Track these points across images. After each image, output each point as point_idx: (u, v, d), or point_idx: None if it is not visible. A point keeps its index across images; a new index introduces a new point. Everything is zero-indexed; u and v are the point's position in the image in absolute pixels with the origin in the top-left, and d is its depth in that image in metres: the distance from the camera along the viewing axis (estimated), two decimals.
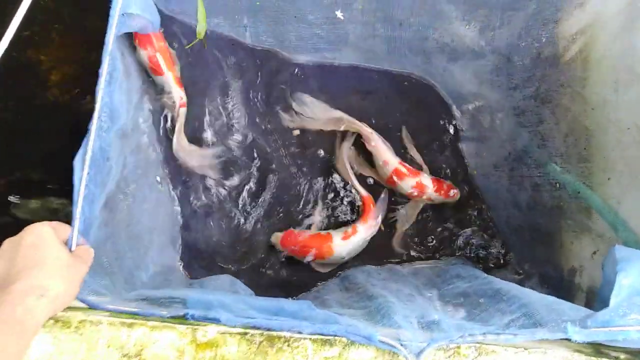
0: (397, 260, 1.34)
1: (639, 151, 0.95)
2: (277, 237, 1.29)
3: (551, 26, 1.11)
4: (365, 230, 1.27)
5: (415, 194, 1.31)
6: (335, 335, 0.72)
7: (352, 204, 1.36)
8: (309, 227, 1.32)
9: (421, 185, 1.30)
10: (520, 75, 1.22)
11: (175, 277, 1.14)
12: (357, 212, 1.35)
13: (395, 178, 1.30)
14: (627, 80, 0.98)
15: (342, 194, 1.37)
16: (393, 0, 1.18)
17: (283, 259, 1.32)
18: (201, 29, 1.30)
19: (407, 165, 1.32)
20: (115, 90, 0.87)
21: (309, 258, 1.26)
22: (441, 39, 1.25)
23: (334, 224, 1.34)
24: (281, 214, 1.33)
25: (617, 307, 0.72)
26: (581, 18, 1.09)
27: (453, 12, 1.17)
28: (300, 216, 1.34)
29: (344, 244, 1.25)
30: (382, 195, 1.34)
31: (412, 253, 1.35)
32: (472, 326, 0.79)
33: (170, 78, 1.25)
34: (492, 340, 0.72)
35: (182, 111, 1.28)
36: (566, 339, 0.71)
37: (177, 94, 1.27)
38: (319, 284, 1.30)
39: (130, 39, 1.19)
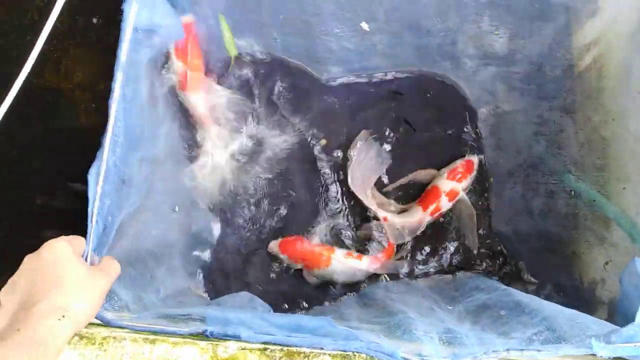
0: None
1: None
2: (276, 244, 1.28)
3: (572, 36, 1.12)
4: (368, 264, 1.24)
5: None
6: (357, 352, 0.71)
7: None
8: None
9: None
10: (551, 86, 1.21)
11: (189, 300, 1.13)
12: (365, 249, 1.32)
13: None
14: None
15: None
16: (417, 8, 1.17)
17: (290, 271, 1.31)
18: (232, 51, 1.33)
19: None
20: (134, 114, 0.86)
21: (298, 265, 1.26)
22: (471, 43, 1.24)
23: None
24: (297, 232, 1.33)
25: None
26: (594, 28, 1.09)
27: (480, 18, 1.17)
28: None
29: (343, 261, 1.23)
30: (398, 261, 1.30)
31: (424, 268, 1.33)
32: (495, 340, 0.78)
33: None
34: (515, 356, 0.71)
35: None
36: (591, 355, 0.71)
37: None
38: (333, 301, 1.29)
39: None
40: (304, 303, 1.27)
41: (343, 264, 1.23)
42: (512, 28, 1.17)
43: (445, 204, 1.29)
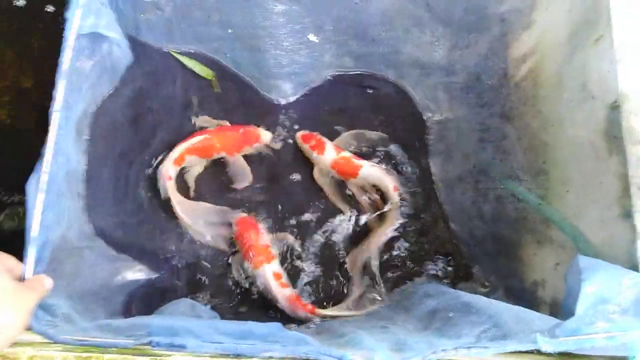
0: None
1: (593, 166, 0.98)
2: (238, 217, 1.27)
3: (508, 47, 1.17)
4: (283, 298, 1.19)
5: None
6: (308, 358, 0.70)
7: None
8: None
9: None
10: (489, 94, 1.26)
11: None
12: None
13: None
14: (580, 99, 1.02)
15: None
16: (363, 18, 1.21)
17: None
18: (207, 74, 1.34)
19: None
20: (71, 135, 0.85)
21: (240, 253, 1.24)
22: (414, 53, 1.28)
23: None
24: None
25: (584, 315, 0.73)
26: (529, 39, 1.15)
27: (421, 29, 1.22)
28: None
29: (269, 278, 1.19)
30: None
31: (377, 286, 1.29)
32: (444, 342, 0.78)
33: None
34: (463, 354, 0.72)
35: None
36: (537, 351, 0.72)
37: None
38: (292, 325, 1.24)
39: None
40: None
41: (267, 279, 1.19)
42: (450, 39, 1.23)
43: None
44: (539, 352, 0.74)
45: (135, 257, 1.22)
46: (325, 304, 1.26)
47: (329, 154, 1.31)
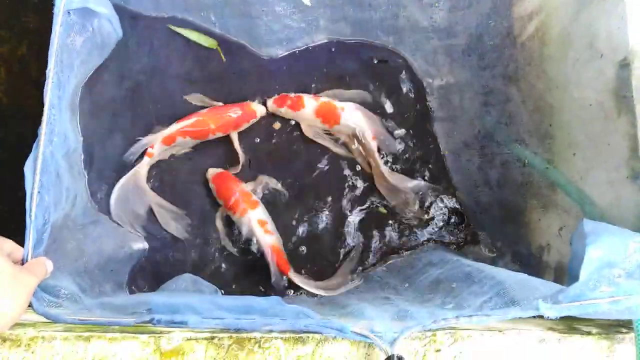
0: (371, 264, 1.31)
1: (601, 127, 0.95)
2: (212, 174, 1.28)
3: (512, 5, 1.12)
4: (265, 246, 1.20)
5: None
6: (308, 331, 0.70)
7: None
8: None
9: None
10: (491, 55, 1.22)
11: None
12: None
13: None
14: (587, 57, 0.98)
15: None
16: None
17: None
18: (210, 44, 1.32)
19: None
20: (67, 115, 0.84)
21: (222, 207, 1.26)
22: (412, 16, 1.24)
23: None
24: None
25: (587, 280, 0.72)
26: None
27: None
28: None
29: (253, 225, 1.20)
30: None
31: (385, 248, 1.32)
32: (445, 312, 0.78)
33: None
34: (465, 323, 0.72)
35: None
36: (539, 316, 0.71)
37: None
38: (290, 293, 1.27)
39: None
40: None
41: (251, 226, 1.20)
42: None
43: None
44: (542, 318, 0.74)
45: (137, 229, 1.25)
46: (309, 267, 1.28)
47: (309, 104, 1.29)
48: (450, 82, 1.33)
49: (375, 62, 1.37)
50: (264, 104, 1.33)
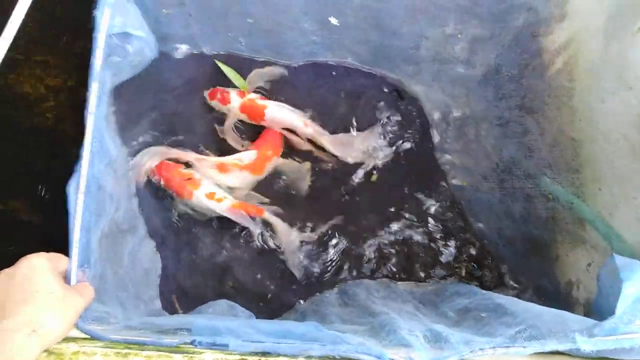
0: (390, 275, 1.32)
1: (628, 161, 0.96)
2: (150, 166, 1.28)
3: (538, 39, 1.14)
4: (225, 209, 1.23)
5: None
6: (346, 357, 0.71)
7: None
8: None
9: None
10: (508, 86, 1.23)
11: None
12: None
13: None
14: (614, 89, 0.98)
15: None
16: (383, 10, 1.20)
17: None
18: (242, 87, 1.36)
19: None
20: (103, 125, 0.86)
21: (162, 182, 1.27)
22: (433, 47, 1.27)
23: None
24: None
25: (622, 314, 0.73)
26: (563, 30, 1.12)
27: (445, 22, 1.20)
28: None
29: (204, 200, 1.23)
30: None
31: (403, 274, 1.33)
32: (480, 339, 0.78)
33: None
34: (502, 353, 0.72)
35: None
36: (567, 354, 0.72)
37: None
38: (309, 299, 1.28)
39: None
40: (279, 301, 1.25)
41: (203, 203, 1.23)
42: (474, 31, 1.20)
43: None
44: (569, 355, 0.74)
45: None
46: None
47: (235, 101, 1.32)
48: (466, 114, 1.36)
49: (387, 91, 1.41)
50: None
